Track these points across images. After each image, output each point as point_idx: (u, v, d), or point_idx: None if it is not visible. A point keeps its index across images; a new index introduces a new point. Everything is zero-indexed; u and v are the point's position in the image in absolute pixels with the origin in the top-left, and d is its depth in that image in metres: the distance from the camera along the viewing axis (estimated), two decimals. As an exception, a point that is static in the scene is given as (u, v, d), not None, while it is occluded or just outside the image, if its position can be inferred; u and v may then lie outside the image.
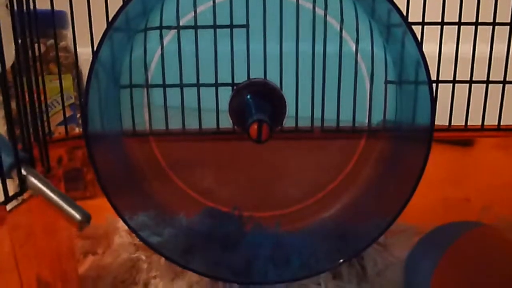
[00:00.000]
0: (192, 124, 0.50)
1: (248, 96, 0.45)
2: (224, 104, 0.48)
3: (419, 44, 0.39)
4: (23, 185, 0.32)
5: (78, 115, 0.67)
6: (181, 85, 0.48)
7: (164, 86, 0.48)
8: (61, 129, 0.61)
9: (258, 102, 0.43)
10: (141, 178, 0.50)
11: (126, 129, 0.49)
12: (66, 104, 0.62)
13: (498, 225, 0.49)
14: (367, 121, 0.49)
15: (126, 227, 0.53)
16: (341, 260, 0.43)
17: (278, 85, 0.47)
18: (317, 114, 0.50)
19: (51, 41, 0.61)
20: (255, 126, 0.37)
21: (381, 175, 0.49)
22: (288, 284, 0.46)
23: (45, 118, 0.44)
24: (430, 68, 0.40)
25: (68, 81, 0.65)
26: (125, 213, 0.42)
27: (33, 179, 0.32)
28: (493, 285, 0.35)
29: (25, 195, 0.33)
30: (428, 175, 0.48)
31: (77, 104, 0.67)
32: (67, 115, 0.61)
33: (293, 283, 0.46)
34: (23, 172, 0.32)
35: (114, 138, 0.49)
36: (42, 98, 0.44)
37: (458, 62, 0.52)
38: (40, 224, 0.37)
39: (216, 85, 0.48)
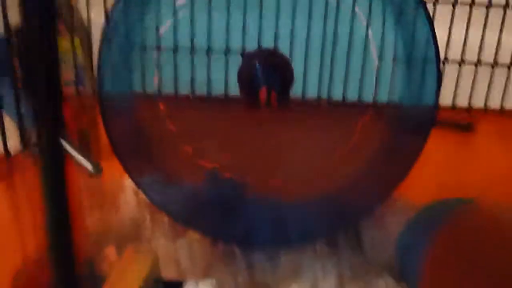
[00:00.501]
0: (201, 91, 0.51)
1: (257, 64, 0.46)
2: (233, 73, 0.48)
3: (431, 22, 0.39)
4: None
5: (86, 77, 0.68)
6: (192, 50, 0.49)
7: (175, 50, 0.49)
8: (67, 90, 0.62)
9: (267, 70, 0.44)
10: (150, 142, 0.51)
11: (137, 92, 0.51)
12: (72, 64, 0.62)
13: (492, 204, 0.50)
14: (373, 97, 0.50)
15: (132, 186, 0.55)
16: (338, 230, 0.45)
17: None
18: (325, 88, 0.51)
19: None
20: (264, 92, 0.38)
21: (381, 152, 0.50)
22: (286, 249, 0.48)
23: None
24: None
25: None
26: (133, 173, 0.44)
27: None
28: (484, 258, 0.37)
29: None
30: (428, 158, 0.50)
31: (83, 66, 0.68)
32: (73, 77, 0.62)
33: (290, 249, 0.48)
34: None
35: (125, 101, 0.50)
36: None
37: (466, 45, 0.53)
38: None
39: (227, 51, 0.48)
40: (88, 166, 0.33)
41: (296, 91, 0.50)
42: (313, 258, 0.47)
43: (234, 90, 0.50)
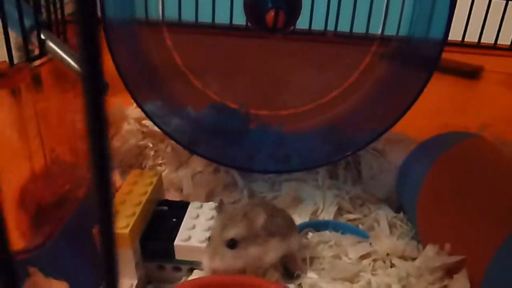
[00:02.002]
0: (205, 18, 0.50)
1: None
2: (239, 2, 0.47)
3: None
4: (43, 48, 0.33)
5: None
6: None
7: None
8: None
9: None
10: (155, 69, 0.51)
11: (140, 19, 0.49)
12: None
13: (495, 139, 0.51)
14: (380, 30, 0.49)
15: (134, 116, 0.55)
16: (336, 158, 0.45)
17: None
18: (332, 21, 0.50)
19: None
20: (272, 13, 0.37)
21: (385, 84, 0.50)
22: (288, 178, 0.49)
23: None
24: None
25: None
26: (139, 99, 0.43)
27: (51, 43, 0.33)
28: (481, 188, 0.38)
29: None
30: (432, 103, 0.49)
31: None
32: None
33: (292, 178, 0.49)
34: (42, 36, 0.33)
35: (128, 27, 0.49)
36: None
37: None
38: (55, 104, 0.38)
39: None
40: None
41: (303, 24, 0.49)
42: (314, 188, 0.48)
43: (239, 19, 0.49)
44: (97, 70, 0.12)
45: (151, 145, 0.53)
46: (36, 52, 0.33)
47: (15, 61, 0.31)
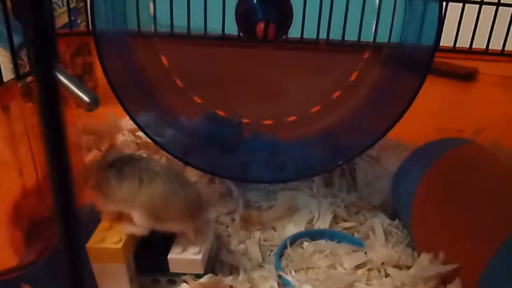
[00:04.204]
0: (197, 30, 0.50)
1: (255, 1, 0.44)
2: (231, 11, 0.47)
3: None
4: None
5: (79, 21, 0.66)
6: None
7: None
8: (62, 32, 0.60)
9: (265, 6, 0.43)
10: (146, 80, 0.51)
11: (132, 31, 0.49)
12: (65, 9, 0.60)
13: (490, 144, 0.51)
14: (372, 36, 0.49)
15: (129, 127, 0.55)
16: (332, 166, 0.45)
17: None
18: (324, 29, 0.50)
19: None
20: (261, 25, 0.37)
21: (378, 91, 0.50)
22: (283, 187, 0.49)
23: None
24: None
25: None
26: (131, 111, 0.43)
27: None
28: (475, 195, 0.38)
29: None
30: (426, 106, 0.49)
31: (78, 8, 0.66)
32: (67, 20, 0.60)
33: (287, 187, 0.49)
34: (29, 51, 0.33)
35: (120, 39, 0.49)
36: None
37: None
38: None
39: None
40: (85, 97, 0.33)
41: (294, 33, 0.49)
42: (309, 197, 0.48)
43: (231, 29, 0.49)
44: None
45: (145, 156, 0.53)
46: (27, 68, 0.33)
47: (9, 75, 0.31)
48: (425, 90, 0.43)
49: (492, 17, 0.52)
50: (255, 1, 0.45)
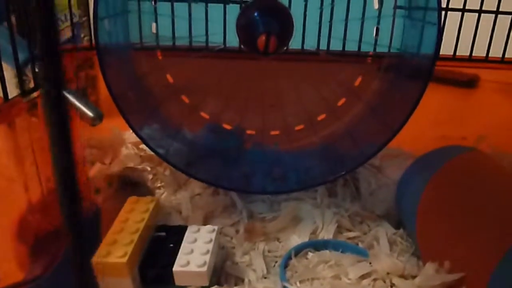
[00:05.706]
0: (199, 43, 0.51)
1: (256, 14, 0.45)
2: (232, 23, 0.48)
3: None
4: (37, 81, 0.33)
5: (82, 35, 0.67)
6: (189, 0, 0.48)
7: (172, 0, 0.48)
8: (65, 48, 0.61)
9: (266, 19, 0.43)
10: (149, 93, 0.51)
11: (134, 44, 0.50)
12: (68, 24, 0.61)
13: (490, 153, 0.51)
14: (373, 46, 0.50)
15: (132, 140, 0.56)
16: (335, 176, 0.45)
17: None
18: (324, 40, 0.51)
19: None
20: (263, 38, 0.37)
21: (380, 100, 0.50)
22: (287, 198, 0.49)
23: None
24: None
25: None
26: (134, 124, 0.44)
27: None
28: (479, 203, 0.38)
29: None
30: (429, 114, 0.49)
31: (81, 22, 0.67)
32: (70, 35, 0.61)
33: (290, 197, 0.49)
34: (37, 69, 0.33)
35: (122, 53, 0.50)
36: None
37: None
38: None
39: (225, 2, 0.48)
40: (89, 112, 0.34)
41: (295, 45, 0.49)
42: (313, 207, 0.48)
43: (232, 41, 0.49)
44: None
45: (149, 169, 0.53)
46: (32, 84, 0.34)
47: (14, 90, 0.32)
48: (427, 98, 0.43)
49: (492, 25, 0.53)
50: (256, 14, 0.45)
